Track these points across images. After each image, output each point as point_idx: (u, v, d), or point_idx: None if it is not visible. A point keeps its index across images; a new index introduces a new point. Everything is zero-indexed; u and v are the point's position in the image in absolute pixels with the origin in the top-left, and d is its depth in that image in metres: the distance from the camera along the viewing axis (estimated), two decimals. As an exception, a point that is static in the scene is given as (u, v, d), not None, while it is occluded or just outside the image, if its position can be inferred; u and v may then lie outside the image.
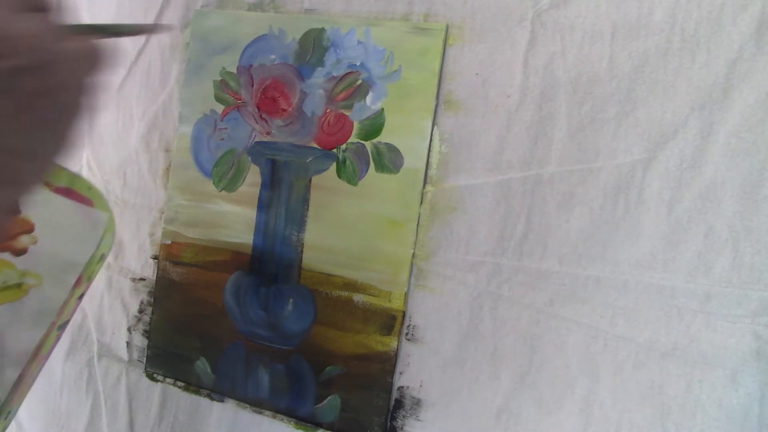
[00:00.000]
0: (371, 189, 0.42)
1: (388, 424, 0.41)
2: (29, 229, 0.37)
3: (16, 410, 0.39)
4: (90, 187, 0.38)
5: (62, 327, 0.40)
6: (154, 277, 0.50)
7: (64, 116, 0.30)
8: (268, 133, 0.45)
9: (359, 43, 0.42)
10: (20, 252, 0.37)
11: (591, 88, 0.37)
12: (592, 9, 0.37)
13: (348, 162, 0.43)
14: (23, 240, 0.37)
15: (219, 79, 0.47)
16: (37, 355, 0.38)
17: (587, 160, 0.37)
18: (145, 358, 0.50)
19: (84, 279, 0.39)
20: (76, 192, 0.38)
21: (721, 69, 0.34)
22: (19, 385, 0.37)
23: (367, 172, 0.42)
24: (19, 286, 0.37)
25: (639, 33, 0.36)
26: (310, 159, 0.44)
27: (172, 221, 0.49)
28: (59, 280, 0.38)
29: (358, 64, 0.42)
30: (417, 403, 0.41)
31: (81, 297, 0.40)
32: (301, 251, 0.44)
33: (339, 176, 0.43)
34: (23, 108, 0.28)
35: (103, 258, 0.51)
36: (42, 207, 0.37)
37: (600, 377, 0.37)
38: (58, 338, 0.40)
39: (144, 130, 0.51)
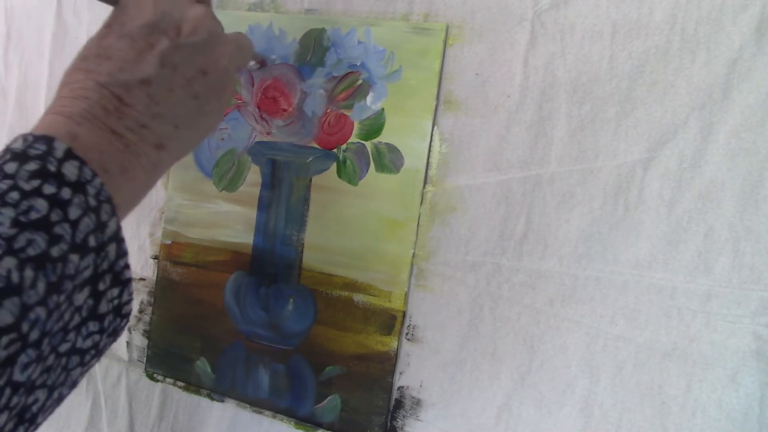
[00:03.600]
0: (371, 189, 0.42)
1: (388, 424, 0.41)
2: None
3: None
4: None
5: None
6: (154, 277, 0.50)
7: (213, 96, 0.34)
8: (268, 133, 0.45)
9: (359, 43, 0.42)
10: None
11: (591, 88, 0.37)
12: (592, 9, 0.37)
13: (348, 162, 0.43)
14: None
15: (219, 79, 0.47)
16: None
17: (587, 160, 0.37)
18: (145, 358, 0.50)
19: None
20: None
21: (721, 69, 0.34)
22: None
23: (367, 172, 0.42)
24: None
25: (639, 33, 0.36)
26: (310, 159, 0.44)
27: (172, 221, 0.49)
28: None
29: (358, 64, 0.42)
30: (417, 403, 0.41)
31: None
32: (301, 251, 0.44)
33: (339, 176, 0.43)
34: (190, 82, 0.32)
35: None
36: None
37: (600, 377, 0.37)
38: None
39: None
